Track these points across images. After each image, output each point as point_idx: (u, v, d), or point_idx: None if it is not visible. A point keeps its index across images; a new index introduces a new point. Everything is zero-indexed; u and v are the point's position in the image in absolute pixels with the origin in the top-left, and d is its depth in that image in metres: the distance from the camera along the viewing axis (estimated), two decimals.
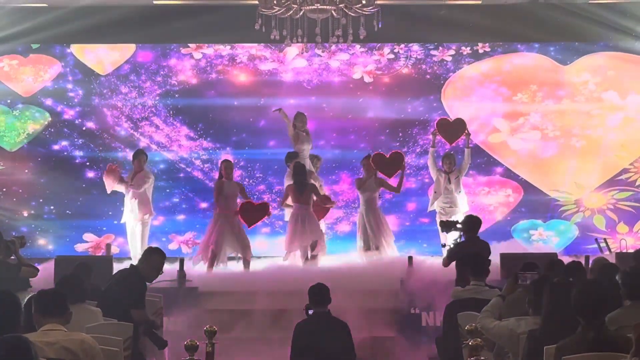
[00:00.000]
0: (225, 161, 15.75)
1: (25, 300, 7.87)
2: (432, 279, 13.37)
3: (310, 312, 9.73)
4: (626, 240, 16.41)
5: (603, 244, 15.33)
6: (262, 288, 14.02)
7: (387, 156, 16.01)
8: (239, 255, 15.45)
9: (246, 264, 15.23)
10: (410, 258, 14.07)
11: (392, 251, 15.65)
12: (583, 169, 17.70)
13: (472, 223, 12.62)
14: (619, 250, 15.01)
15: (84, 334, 6.87)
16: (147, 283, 9.98)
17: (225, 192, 15.37)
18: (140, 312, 9.67)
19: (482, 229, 17.10)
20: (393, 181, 15.84)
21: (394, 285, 13.82)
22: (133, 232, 15.80)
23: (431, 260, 14.68)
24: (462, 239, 12.61)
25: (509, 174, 17.77)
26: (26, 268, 11.17)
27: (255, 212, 15.59)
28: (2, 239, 11.52)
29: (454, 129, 16.24)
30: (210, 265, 15.06)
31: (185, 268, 13.81)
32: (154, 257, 10.04)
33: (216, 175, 16.52)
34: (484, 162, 17.72)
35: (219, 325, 10.00)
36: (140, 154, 16.02)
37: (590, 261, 12.05)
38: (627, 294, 7.87)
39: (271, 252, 16.70)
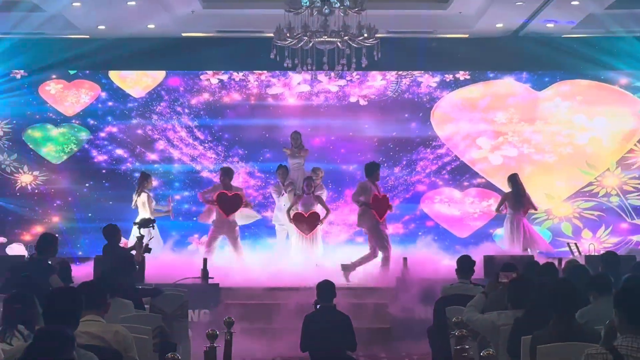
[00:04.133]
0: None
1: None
2: (424, 278, 13.37)
3: (318, 306, 9.76)
4: (594, 244, 16.42)
5: (574, 248, 15.30)
6: (275, 285, 14.04)
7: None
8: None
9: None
10: (405, 259, 14.05)
11: None
12: (553, 182, 17.70)
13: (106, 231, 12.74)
14: (587, 253, 14.98)
15: (119, 325, 6.87)
16: None
17: None
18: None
19: (468, 234, 17.23)
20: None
21: (391, 282, 13.83)
22: None
23: (423, 261, 14.67)
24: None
25: (489, 186, 17.77)
26: (56, 277, 10.83)
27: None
28: (56, 245, 11.34)
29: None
30: None
31: (207, 266, 13.79)
32: None
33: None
34: (469, 177, 17.74)
35: (237, 316, 10.01)
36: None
37: (563, 263, 12.02)
38: (594, 294, 7.90)
39: None
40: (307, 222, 15.64)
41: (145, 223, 13.90)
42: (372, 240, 14.93)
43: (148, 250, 13.18)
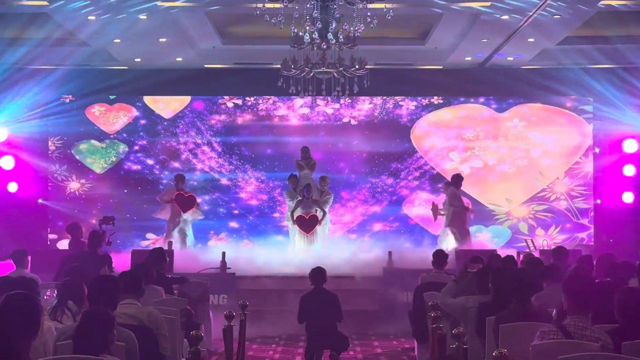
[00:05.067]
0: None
1: None
2: (405, 268, 13.38)
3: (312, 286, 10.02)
4: (546, 240, 16.43)
5: (530, 243, 15.31)
6: (282, 274, 14.06)
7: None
8: None
9: None
10: (390, 253, 14.05)
11: None
12: (513, 189, 17.64)
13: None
14: (541, 248, 14.99)
15: (152, 307, 6.88)
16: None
17: None
18: None
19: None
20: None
21: (378, 272, 13.83)
22: None
23: (405, 255, 14.67)
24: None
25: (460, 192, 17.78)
26: (106, 268, 10.73)
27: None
28: (100, 239, 11.32)
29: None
30: None
31: (225, 259, 13.79)
32: None
33: (243, 190, 16.71)
34: (442, 183, 17.71)
35: (250, 300, 10.02)
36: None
37: (521, 256, 12.04)
38: (547, 282, 7.92)
39: None
40: (307, 223, 15.65)
41: (105, 220, 13.82)
42: (459, 237, 15.27)
43: (109, 244, 13.19)
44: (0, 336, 4.15)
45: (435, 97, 17.91)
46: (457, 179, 15.80)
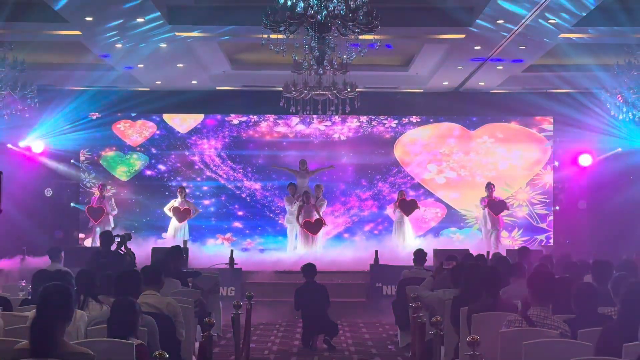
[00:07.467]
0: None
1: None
2: (389, 265, 13.38)
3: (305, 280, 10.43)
4: (511, 242, 16.44)
5: None
6: (280, 269, 14.05)
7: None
8: None
9: None
10: (376, 251, 14.04)
11: None
12: (481, 197, 17.62)
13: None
14: (507, 248, 14.99)
15: (170, 297, 6.87)
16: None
17: None
18: None
19: (421, 233, 17.19)
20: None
21: (365, 267, 13.83)
22: None
23: (389, 253, 14.65)
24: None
25: (436, 199, 17.80)
26: (129, 259, 10.71)
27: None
28: (112, 236, 11.23)
29: None
30: None
31: (233, 255, 13.78)
32: None
33: (247, 195, 16.73)
34: (422, 192, 17.75)
35: (255, 292, 10.03)
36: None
37: (490, 255, 12.05)
38: (513, 277, 7.93)
39: None
40: (314, 226, 15.69)
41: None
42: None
43: None
44: (40, 321, 4.18)
45: (414, 117, 17.93)
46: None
